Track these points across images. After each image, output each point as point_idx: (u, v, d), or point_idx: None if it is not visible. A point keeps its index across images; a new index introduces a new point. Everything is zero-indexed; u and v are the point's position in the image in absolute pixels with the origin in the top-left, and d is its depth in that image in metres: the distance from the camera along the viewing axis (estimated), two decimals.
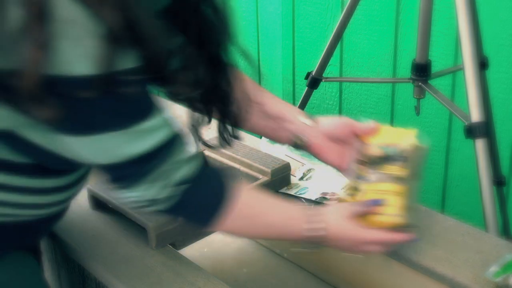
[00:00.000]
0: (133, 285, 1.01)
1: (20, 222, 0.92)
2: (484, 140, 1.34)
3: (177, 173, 0.85)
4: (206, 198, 0.90)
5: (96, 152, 0.80)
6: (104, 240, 1.14)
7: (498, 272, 0.97)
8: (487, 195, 1.34)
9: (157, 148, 0.81)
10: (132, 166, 0.81)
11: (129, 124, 0.78)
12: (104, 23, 0.68)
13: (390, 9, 1.92)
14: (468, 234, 1.12)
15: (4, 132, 0.78)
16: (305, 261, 1.30)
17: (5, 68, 0.69)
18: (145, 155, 0.81)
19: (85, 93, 0.71)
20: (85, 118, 0.75)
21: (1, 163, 0.82)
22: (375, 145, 1.06)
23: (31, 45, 0.67)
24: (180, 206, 0.88)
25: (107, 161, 0.81)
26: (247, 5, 2.37)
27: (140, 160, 0.81)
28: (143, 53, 0.73)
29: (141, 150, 0.80)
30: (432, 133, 1.94)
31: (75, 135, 0.77)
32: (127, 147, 0.79)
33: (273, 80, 2.39)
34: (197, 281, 1.02)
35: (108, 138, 0.77)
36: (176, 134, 0.84)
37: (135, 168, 0.82)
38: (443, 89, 1.69)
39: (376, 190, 1.02)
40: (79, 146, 0.78)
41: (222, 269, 1.29)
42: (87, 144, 0.78)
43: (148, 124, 0.79)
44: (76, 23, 0.68)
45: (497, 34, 1.70)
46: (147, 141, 0.80)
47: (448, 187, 1.97)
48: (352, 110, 2.15)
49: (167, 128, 0.83)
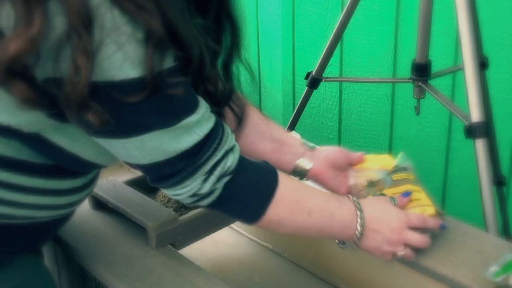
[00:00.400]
0: (133, 285, 1.01)
1: (33, 224, 0.92)
2: (484, 140, 1.34)
3: (227, 162, 0.86)
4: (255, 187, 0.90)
5: (146, 152, 0.81)
6: (104, 240, 1.14)
7: (498, 272, 0.97)
8: (487, 195, 1.34)
9: (205, 139, 0.83)
10: (183, 161, 0.83)
11: (176, 121, 0.80)
12: (143, 28, 0.71)
13: (390, 9, 1.92)
14: (468, 234, 1.12)
15: (31, 134, 0.80)
16: (305, 261, 1.30)
17: (51, 77, 0.71)
18: (195, 148, 0.82)
19: (130, 96, 0.73)
20: (132, 120, 0.77)
21: (20, 165, 0.83)
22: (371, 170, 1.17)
23: (76, 53, 0.68)
24: (230, 196, 0.89)
25: (158, 159, 0.82)
26: (247, 5, 2.37)
27: (190, 154, 0.82)
28: (184, 53, 0.76)
29: (191, 143, 0.82)
30: (432, 133, 1.95)
31: (123, 137, 0.79)
32: (176, 143, 0.81)
33: (273, 80, 2.39)
34: (197, 281, 1.02)
35: (156, 136, 0.79)
36: (218, 124, 0.86)
37: (187, 162, 0.83)
38: (443, 89, 1.70)
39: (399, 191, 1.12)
40: (128, 147, 0.80)
41: (222, 269, 1.29)
42: (136, 144, 0.80)
43: (194, 118, 0.81)
44: (116, 29, 0.70)
45: (497, 34, 1.70)
46: (195, 134, 0.82)
47: (448, 187, 1.97)
48: (352, 110, 2.15)
49: (211, 120, 0.85)
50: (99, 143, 0.83)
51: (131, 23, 0.70)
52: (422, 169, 1.97)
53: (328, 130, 2.24)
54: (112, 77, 0.72)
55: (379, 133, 2.09)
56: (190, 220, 1.14)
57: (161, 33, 0.72)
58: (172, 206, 1.24)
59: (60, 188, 0.89)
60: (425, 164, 1.98)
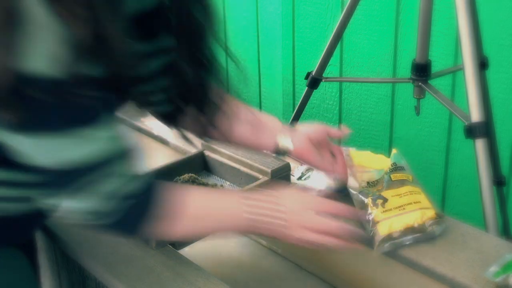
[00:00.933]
0: (133, 285, 1.01)
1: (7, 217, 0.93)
2: (484, 140, 1.34)
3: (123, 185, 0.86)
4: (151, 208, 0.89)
5: (40, 152, 0.80)
6: (104, 240, 1.14)
7: (498, 272, 0.97)
8: (487, 195, 1.34)
9: (98, 157, 0.82)
10: (72, 172, 0.81)
11: (76, 127, 0.79)
12: (73, 34, 0.71)
13: (390, 9, 1.92)
14: (468, 234, 1.12)
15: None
16: (305, 261, 1.30)
17: None
18: (86, 162, 0.81)
19: (43, 93, 0.73)
20: (37, 118, 0.76)
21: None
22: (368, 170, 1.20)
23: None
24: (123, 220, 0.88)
25: (47, 163, 0.81)
26: (247, 5, 2.37)
27: (81, 166, 0.81)
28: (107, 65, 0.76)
29: (82, 155, 0.81)
30: (432, 133, 1.94)
31: (24, 133, 0.78)
32: (69, 151, 0.80)
33: (273, 80, 2.39)
34: (197, 281, 1.02)
35: (53, 139, 0.78)
36: (121, 150, 0.85)
37: (76, 173, 0.82)
38: (443, 89, 1.69)
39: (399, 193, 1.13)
40: (25, 144, 0.79)
41: (222, 269, 1.29)
42: (33, 143, 0.79)
43: (94, 132, 0.80)
44: (44, 26, 0.70)
45: (497, 34, 1.70)
46: (88, 147, 0.81)
47: (448, 187, 1.97)
48: (352, 110, 2.15)
49: (112, 141, 0.84)
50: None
51: (61, 25, 0.70)
52: (422, 169, 1.97)
53: None
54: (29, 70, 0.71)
55: (379, 133, 2.09)
56: None
57: (89, 42, 0.72)
58: None
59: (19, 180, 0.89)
60: (425, 164, 1.98)
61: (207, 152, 1.37)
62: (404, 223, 1.09)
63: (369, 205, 1.13)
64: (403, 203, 1.11)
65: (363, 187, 1.17)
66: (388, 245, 1.08)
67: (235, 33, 2.46)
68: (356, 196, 1.16)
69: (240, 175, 1.31)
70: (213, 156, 1.35)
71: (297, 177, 1.30)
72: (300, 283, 1.27)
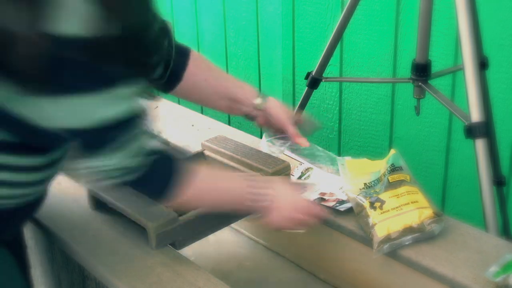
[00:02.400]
0: (133, 285, 1.01)
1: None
2: (484, 140, 1.34)
3: (147, 143, 0.93)
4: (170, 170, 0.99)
5: (72, 115, 0.83)
6: (104, 240, 1.14)
7: (498, 272, 0.97)
8: (487, 195, 1.34)
9: (128, 114, 0.87)
10: (104, 131, 0.86)
11: (107, 87, 0.82)
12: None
13: (390, 9, 1.92)
14: (468, 234, 1.12)
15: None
16: (305, 261, 1.30)
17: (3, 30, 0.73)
18: (117, 120, 0.86)
19: (77, 54, 0.76)
20: (68, 79, 0.79)
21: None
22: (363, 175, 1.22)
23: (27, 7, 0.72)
24: (147, 176, 0.95)
25: (80, 125, 0.85)
26: (247, 5, 2.37)
27: (112, 125, 0.86)
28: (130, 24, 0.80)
29: (114, 114, 0.85)
30: (432, 133, 1.94)
31: (55, 96, 0.80)
32: (101, 110, 0.84)
33: (273, 80, 2.39)
34: (197, 281, 1.02)
35: (85, 100, 0.82)
36: (144, 107, 0.91)
37: (107, 133, 0.87)
38: (443, 89, 1.69)
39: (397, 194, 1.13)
40: (56, 108, 0.82)
41: (222, 269, 1.29)
42: (65, 106, 0.81)
43: (122, 90, 0.84)
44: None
45: (497, 34, 1.70)
46: (119, 106, 0.86)
47: (448, 187, 1.97)
48: (352, 110, 2.15)
49: (134, 100, 0.89)
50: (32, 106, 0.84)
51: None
52: (422, 169, 1.97)
53: (328, 130, 2.24)
54: (60, 31, 0.74)
55: (379, 133, 2.09)
56: (190, 220, 1.14)
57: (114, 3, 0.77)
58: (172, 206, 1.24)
59: (19, 164, 0.92)
60: (425, 164, 1.98)
61: (207, 152, 1.37)
62: (402, 224, 1.09)
63: (367, 207, 1.13)
64: (401, 204, 1.11)
65: (361, 189, 1.18)
66: (387, 246, 1.08)
67: (235, 33, 2.46)
68: (354, 199, 1.16)
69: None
70: (213, 156, 1.35)
71: (297, 177, 1.30)
72: (300, 283, 1.27)
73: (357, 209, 1.15)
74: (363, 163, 1.26)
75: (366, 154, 1.29)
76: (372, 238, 1.09)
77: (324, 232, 1.21)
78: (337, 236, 1.19)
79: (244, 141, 1.41)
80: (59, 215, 1.21)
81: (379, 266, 1.14)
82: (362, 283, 1.18)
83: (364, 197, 1.15)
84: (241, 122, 2.40)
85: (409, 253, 1.08)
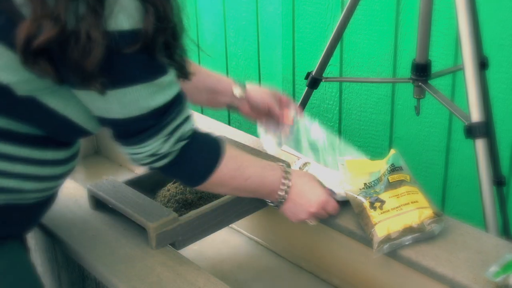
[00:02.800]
0: (133, 285, 1.01)
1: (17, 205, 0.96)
2: (484, 140, 1.34)
3: (186, 127, 0.96)
4: (205, 152, 1.02)
5: (124, 105, 0.88)
6: (104, 240, 1.14)
7: (498, 272, 0.97)
8: (487, 195, 1.34)
9: (173, 101, 0.92)
10: (152, 118, 0.91)
11: (154, 78, 0.88)
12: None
13: (390, 9, 1.92)
14: (468, 234, 1.12)
15: (25, 97, 0.86)
16: (305, 261, 1.30)
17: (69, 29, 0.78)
18: (164, 108, 0.91)
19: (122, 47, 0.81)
20: (119, 71, 0.84)
21: (8, 134, 0.90)
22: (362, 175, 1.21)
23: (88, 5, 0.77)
24: (184, 159, 0.98)
25: (132, 114, 0.89)
26: (247, 5, 2.37)
27: (160, 113, 0.91)
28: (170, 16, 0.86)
29: (162, 102, 0.90)
30: (432, 133, 1.94)
31: (110, 89, 0.85)
32: (151, 99, 0.89)
33: (273, 80, 2.39)
34: (197, 281, 1.02)
35: (136, 90, 0.87)
36: (182, 91, 0.95)
37: (155, 120, 0.91)
38: (443, 89, 1.69)
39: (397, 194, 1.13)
40: (109, 99, 0.87)
41: (222, 269, 1.29)
42: (118, 97, 0.87)
43: (167, 78, 0.90)
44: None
45: (497, 34, 1.70)
46: (166, 94, 0.91)
47: (448, 187, 1.97)
48: (352, 110, 2.15)
49: (178, 85, 0.94)
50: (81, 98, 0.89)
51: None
52: (422, 169, 1.97)
53: None
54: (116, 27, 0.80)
55: (379, 133, 2.09)
56: (190, 220, 1.14)
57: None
58: (172, 206, 1.24)
59: (44, 158, 0.95)
60: (425, 164, 1.98)
61: None
62: (402, 224, 1.09)
63: (367, 207, 1.13)
64: (401, 204, 1.11)
65: (361, 189, 1.17)
66: (387, 246, 1.08)
67: (235, 33, 2.46)
68: (354, 199, 1.16)
69: None
70: None
71: None
72: (300, 283, 1.27)
73: (357, 209, 1.15)
74: (363, 163, 1.26)
75: (366, 154, 1.29)
76: (372, 238, 1.09)
77: (324, 232, 1.22)
78: (337, 236, 1.19)
79: (244, 141, 1.41)
80: (59, 215, 1.21)
81: (379, 266, 1.14)
82: (362, 283, 1.18)
83: (364, 197, 1.15)
84: (241, 122, 2.40)
85: (409, 253, 1.08)
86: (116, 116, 0.90)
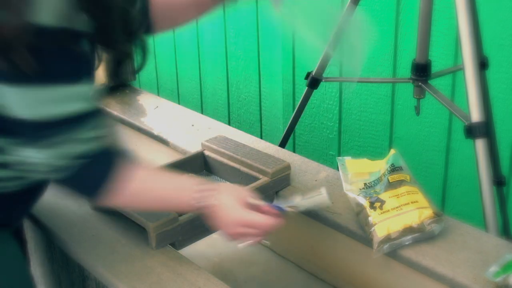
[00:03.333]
0: (133, 285, 1.01)
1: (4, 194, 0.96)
2: (484, 140, 1.34)
3: (82, 146, 0.91)
4: (98, 174, 0.96)
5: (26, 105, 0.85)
6: (104, 240, 1.14)
7: (498, 272, 0.97)
8: (487, 195, 1.34)
9: (75, 115, 0.88)
10: (47, 127, 0.87)
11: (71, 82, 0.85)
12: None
13: (390, 9, 1.92)
14: (468, 234, 1.12)
15: None
16: (305, 261, 1.30)
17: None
18: (65, 118, 0.87)
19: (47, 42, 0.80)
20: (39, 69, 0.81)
21: None
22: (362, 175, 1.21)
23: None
24: (75, 177, 0.94)
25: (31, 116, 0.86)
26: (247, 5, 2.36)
27: (56, 123, 0.87)
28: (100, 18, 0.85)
29: (61, 112, 0.87)
30: (432, 133, 1.94)
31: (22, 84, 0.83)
32: (53, 106, 0.86)
33: (273, 80, 2.39)
34: (197, 281, 1.02)
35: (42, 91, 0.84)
36: (93, 111, 0.91)
37: (50, 128, 0.87)
38: (443, 89, 1.69)
39: (397, 194, 1.13)
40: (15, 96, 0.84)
41: (222, 269, 1.29)
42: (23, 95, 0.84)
43: (77, 89, 0.87)
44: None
45: (497, 34, 1.70)
46: (70, 105, 0.87)
47: (448, 187, 1.97)
48: (352, 110, 2.15)
49: (88, 102, 0.90)
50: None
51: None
52: (422, 169, 1.97)
53: (328, 130, 2.24)
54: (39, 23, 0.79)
55: (379, 133, 2.09)
56: (190, 220, 1.14)
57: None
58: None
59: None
60: (425, 164, 1.98)
61: (207, 152, 1.37)
62: (402, 224, 1.09)
63: (367, 207, 1.13)
64: (401, 204, 1.11)
65: (361, 189, 1.18)
66: (387, 246, 1.08)
67: (235, 33, 2.46)
68: (354, 199, 1.16)
69: (240, 175, 1.31)
70: (213, 156, 1.35)
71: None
72: (300, 283, 1.27)
73: (357, 209, 1.15)
74: (363, 163, 1.26)
75: (366, 154, 1.29)
76: (372, 238, 1.09)
77: (324, 232, 1.21)
78: (337, 236, 1.19)
79: (244, 141, 1.41)
80: (59, 215, 1.21)
81: (379, 266, 1.13)
82: (362, 283, 1.18)
83: (364, 197, 1.15)
84: (241, 122, 2.40)
85: (409, 253, 1.08)
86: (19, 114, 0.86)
